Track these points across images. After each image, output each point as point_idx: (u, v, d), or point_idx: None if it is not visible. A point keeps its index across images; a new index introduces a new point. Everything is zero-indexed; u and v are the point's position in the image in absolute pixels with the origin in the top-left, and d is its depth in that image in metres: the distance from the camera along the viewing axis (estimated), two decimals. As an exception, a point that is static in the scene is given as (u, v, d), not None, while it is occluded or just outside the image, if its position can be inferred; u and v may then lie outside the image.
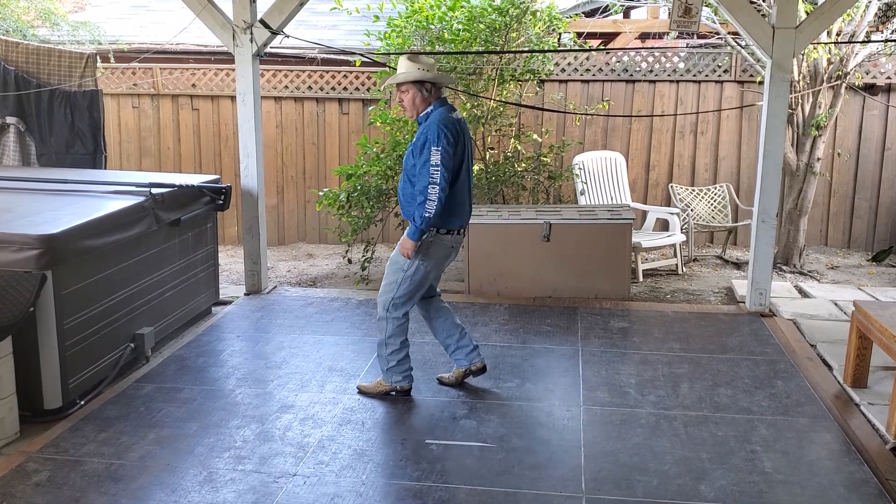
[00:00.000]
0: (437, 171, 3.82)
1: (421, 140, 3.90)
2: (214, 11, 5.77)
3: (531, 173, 7.19)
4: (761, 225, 5.62)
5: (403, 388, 4.21)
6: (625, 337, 5.20)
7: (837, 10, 5.38)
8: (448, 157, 3.85)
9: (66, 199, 4.73)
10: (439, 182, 3.82)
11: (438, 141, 3.83)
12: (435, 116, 3.93)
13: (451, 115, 3.97)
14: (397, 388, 4.21)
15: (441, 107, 3.99)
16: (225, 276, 6.86)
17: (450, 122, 3.91)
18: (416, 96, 3.99)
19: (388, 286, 4.10)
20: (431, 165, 3.83)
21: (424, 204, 3.84)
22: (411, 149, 3.98)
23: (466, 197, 4.10)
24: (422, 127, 3.97)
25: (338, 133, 8.39)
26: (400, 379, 4.20)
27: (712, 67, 7.89)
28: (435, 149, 3.83)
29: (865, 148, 7.86)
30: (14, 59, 6.36)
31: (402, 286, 4.04)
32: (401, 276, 4.04)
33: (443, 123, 3.87)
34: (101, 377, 4.33)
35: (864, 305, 4.25)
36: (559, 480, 3.37)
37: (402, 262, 4.04)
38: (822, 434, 3.81)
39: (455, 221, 4.04)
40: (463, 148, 3.99)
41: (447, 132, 3.86)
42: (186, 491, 3.28)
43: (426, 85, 3.98)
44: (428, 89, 3.99)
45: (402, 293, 4.05)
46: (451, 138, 3.87)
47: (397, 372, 4.19)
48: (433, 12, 6.68)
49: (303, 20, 8.40)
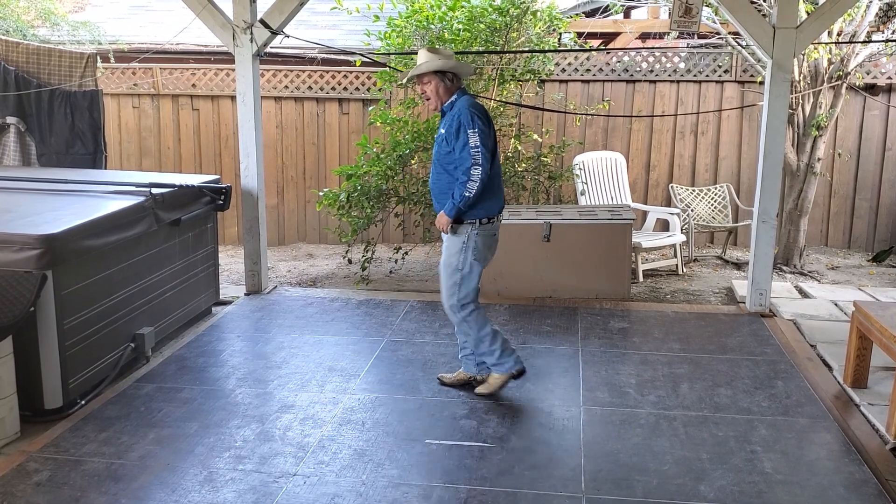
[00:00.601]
0: (479, 152, 3.86)
1: (454, 125, 3.92)
2: (214, 11, 5.78)
3: (531, 173, 7.19)
4: (762, 225, 5.62)
5: (519, 370, 4.16)
6: (625, 337, 5.20)
7: (838, 10, 5.37)
8: (486, 137, 3.89)
9: (67, 199, 4.73)
10: (482, 163, 3.86)
11: (473, 123, 3.87)
12: (462, 103, 3.98)
13: (475, 101, 4.04)
14: (514, 372, 4.16)
15: (463, 95, 4.04)
16: (225, 276, 6.87)
17: (478, 106, 3.98)
18: (440, 86, 4.02)
19: (450, 289, 4.08)
20: (472, 147, 3.85)
21: (466, 184, 3.87)
22: (443, 137, 3.98)
23: (500, 180, 4.13)
24: (449, 115, 3.99)
25: (338, 133, 8.40)
26: (512, 364, 4.15)
27: (713, 67, 7.89)
28: (472, 131, 3.86)
29: (866, 148, 7.86)
30: (14, 59, 6.37)
31: (463, 286, 4.05)
32: (458, 276, 4.05)
33: (473, 107, 3.94)
34: (102, 377, 4.34)
35: (864, 306, 4.24)
36: (559, 480, 3.37)
37: (456, 262, 4.04)
38: (822, 434, 3.81)
39: (494, 206, 4.06)
40: (494, 131, 4.04)
41: (479, 115, 3.91)
42: (186, 490, 3.28)
43: (448, 75, 4.02)
44: (450, 79, 4.03)
45: (465, 292, 4.06)
46: (486, 119, 3.94)
47: (507, 358, 4.14)
48: (433, 12, 6.68)
49: (303, 20, 8.41)
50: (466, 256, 4.02)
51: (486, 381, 4.23)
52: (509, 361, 4.15)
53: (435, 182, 4.10)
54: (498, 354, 4.13)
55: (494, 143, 4.02)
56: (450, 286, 4.08)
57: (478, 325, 4.10)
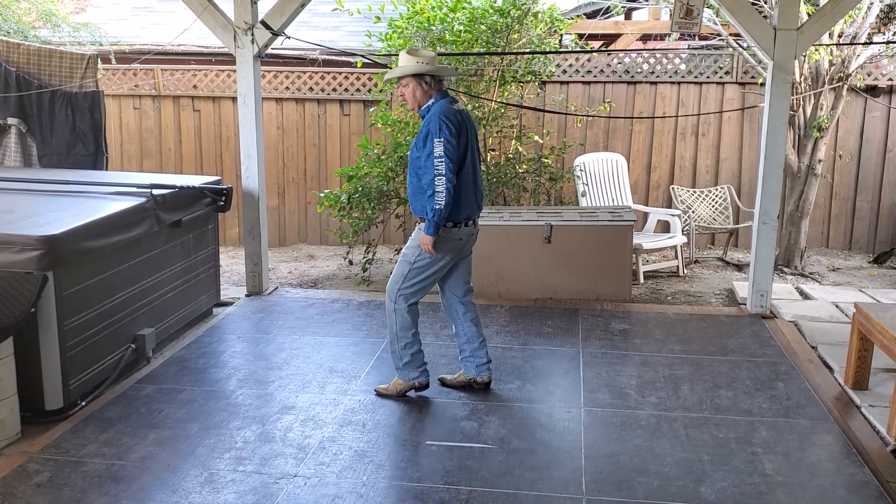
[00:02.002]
0: (442, 162, 3.84)
1: (424, 132, 3.92)
2: (216, 13, 5.78)
3: (532, 175, 7.19)
4: (762, 227, 5.62)
5: (421, 383, 4.20)
6: (626, 338, 5.20)
7: (839, 11, 5.37)
8: (452, 147, 3.86)
9: (68, 200, 4.73)
10: (445, 173, 3.84)
11: (441, 132, 3.85)
12: (436, 108, 3.95)
13: (452, 106, 3.99)
14: (415, 384, 4.19)
15: (442, 99, 4.01)
16: (226, 278, 6.87)
17: (451, 113, 3.93)
18: (417, 89, 4.01)
19: (397, 276, 4.11)
20: (436, 157, 3.84)
21: (433, 197, 3.86)
22: (415, 142, 4.00)
23: (473, 188, 4.09)
24: (424, 120, 3.99)
25: (339, 134, 8.40)
26: (416, 375, 4.18)
27: (714, 69, 7.89)
28: (438, 140, 3.84)
29: (867, 150, 7.86)
30: (15, 60, 6.37)
31: (409, 277, 4.06)
32: (407, 268, 4.06)
33: (444, 115, 3.89)
34: (103, 378, 4.34)
35: (865, 307, 4.24)
36: (560, 482, 3.37)
37: (410, 253, 4.06)
38: (823, 436, 3.81)
39: (461, 213, 4.03)
40: (466, 139, 3.99)
41: (448, 123, 3.87)
42: (187, 492, 3.28)
43: (425, 78, 4.00)
44: (427, 82, 4.01)
45: (409, 284, 4.06)
46: (454, 129, 3.89)
47: (413, 367, 4.17)
48: (435, 13, 6.68)
49: (304, 21, 8.41)
50: (421, 252, 4.02)
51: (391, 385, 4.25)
52: (414, 373, 4.18)
53: (409, 184, 4.11)
54: (407, 360, 4.15)
55: (465, 150, 3.98)
56: (398, 273, 4.11)
57: (402, 322, 4.10)
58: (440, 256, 4.05)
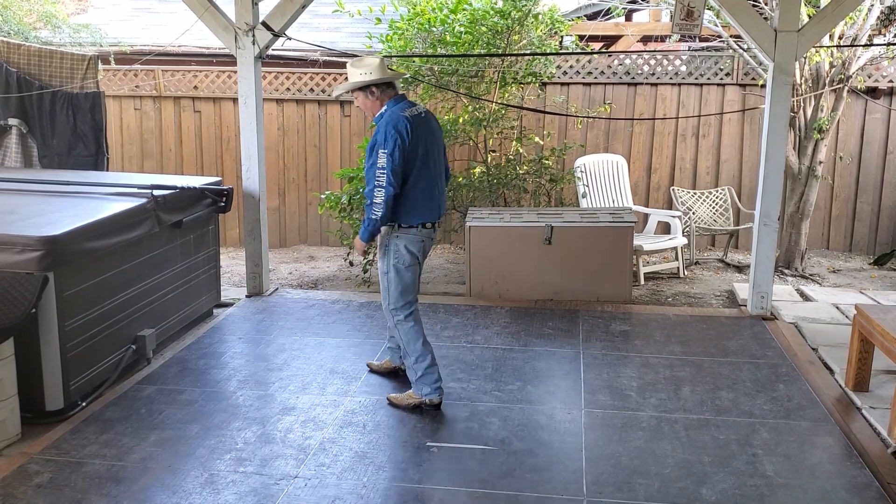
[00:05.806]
0: (383, 175, 3.79)
1: (372, 142, 3.88)
2: (217, 14, 5.78)
3: (533, 176, 7.19)
4: (763, 228, 5.62)
5: (433, 401, 4.03)
6: (626, 340, 5.20)
7: (840, 13, 5.38)
8: (395, 159, 3.79)
9: (69, 200, 4.73)
10: (384, 185, 3.80)
11: (385, 143, 3.80)
12: (386, 117, 3.89)
13: (403, 112, 3.89)
14: (426, 401, 4.04)
15: (394, 105, 3.94)
16: (226, 278, 6.87)
17: (399, 122, 3.84)
18: (365, 101, 3.99)
19: (383, 294, 4.10)
20: (378, 168, 3.80)
21: (371, 207, 3.85)
22: (367, 151, 3.95)
23: (430, 192, 3.99)
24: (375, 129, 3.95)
25: (339, 135, 8.40)
26: (429, 391, 4.04)
27: (714, 70, 7.89)
28: (382, 151, 3.80)
29: (867, 151, 7.86)
30: (16, 61, 6.37)
31: (392, 287, 4.03)
32: (385, 279, 4.05)
33: (391, 125, 3.82)
34: (103, 379, 4.34)
35: (865, 309, 4.24)
36: (560, 483, 3.37)
37: (382, 266, 4.06)
38: (824, 438, 3.81)
39: (416, 217, 3.96)
40: (417, 142, 3.88)
41: (395, 132, 3.80)
42: (187, 493, 3.28)
43: (370, 88, 3.94)
44: (373, 92, 3.96)
45: (395, 293, 4.03)
46: (401, 138, 3.80)
47: (426, 383, 4.04)
48: (435, 15, 6.69)
49: (305, 22, 8.43)
50: (389, 260, 4.00)
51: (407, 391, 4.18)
52: (427, 388, 4.06)
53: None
54: (420, 375, 4.05)
55: (417, 156, 3.89)
56: (382, 290, 4.09)
57: (406, 336, 4.05)
58: (408, 260, 4.00)
